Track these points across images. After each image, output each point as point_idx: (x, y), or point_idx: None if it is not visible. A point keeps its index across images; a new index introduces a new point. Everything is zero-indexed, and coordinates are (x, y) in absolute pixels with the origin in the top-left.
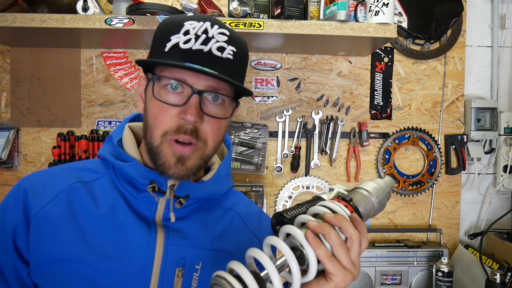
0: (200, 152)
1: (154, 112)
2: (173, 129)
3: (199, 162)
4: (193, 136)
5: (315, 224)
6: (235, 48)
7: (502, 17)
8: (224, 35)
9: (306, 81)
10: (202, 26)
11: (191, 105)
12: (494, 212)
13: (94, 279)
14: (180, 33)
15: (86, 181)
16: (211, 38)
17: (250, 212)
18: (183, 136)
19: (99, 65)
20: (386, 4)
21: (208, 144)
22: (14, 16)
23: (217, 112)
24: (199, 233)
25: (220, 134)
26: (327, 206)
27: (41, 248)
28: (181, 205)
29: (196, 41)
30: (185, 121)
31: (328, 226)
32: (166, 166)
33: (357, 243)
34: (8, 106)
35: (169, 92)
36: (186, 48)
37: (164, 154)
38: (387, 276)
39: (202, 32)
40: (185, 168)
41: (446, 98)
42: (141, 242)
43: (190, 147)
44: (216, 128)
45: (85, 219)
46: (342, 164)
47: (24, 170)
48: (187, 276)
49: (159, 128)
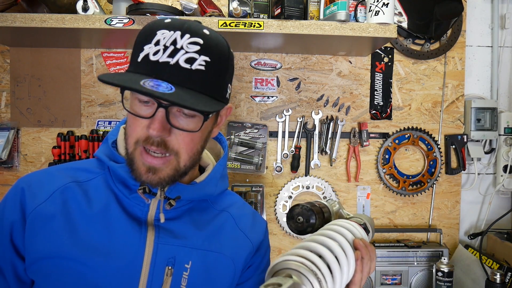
0: (172, 164)
1: (129, 120)
2: (142, 139)
3: (172, 172)
4: (162, 148)
5: (365, 251)
6: (208, 57)
7: (502, 17)
8: (196, 45)
9: (306, 81)
10: (171, 36)
11: (155, 119)
12: (494, 212)
13: (85, 276)
14: (152, 43)
15: (81, 181)
16: (180, 50)
17: (243, 214)
18: (151, 147)
19: (99, 65)
20: (386, 4)
21: (181, 156)
22: (14, 16)
23: (187, 124)
24: (190, 233)
25: (194, 145)
26: (353, 231)
27: (36, 245)
28: (171, 207)
29: (164, 53)
30: (150, 134)
31: (369, 257)
32: (138, 173)
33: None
34: (8, 106)
35: (141, 105)
36: (154, 60)
37: (136, 162)
38: (387, 276)
39: (171, 43)
40: (157, 177)
41: (446, 98)
42: (131, 240)
43: (160, 159)
44: (189, 140)
45: (78, 218)
46: (342, 164)
47: (24, 170)
48: (177, 275)
49: (131, 136)
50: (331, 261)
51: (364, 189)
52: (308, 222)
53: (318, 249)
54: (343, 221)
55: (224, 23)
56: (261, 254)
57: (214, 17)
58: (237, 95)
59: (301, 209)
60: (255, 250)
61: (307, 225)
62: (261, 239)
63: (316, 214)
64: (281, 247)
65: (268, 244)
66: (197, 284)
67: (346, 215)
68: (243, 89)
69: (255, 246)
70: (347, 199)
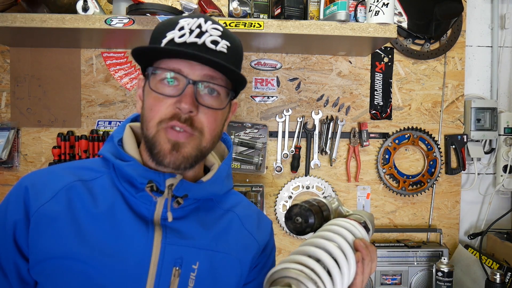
0: (196, 142)
1: (151, 104)
2: (168, 117)
3: (195, 152)
4: (187, 125)
5: (366, 252)
6: (229, 43)
7: (502, 17)
8: (218, 30)
9: (306, 81)
10: (196, 21)
11: (186, 94)
12: (494, 212)
13: (91, 277)
14: (176, 29)
15: (86, 180)
16: (205, 32)
17: (249, 214)
18: (178, 123)
19: (99, 65)
20: (386, 4)
21: (204, 135)
22: (14, 16)
23: (212, 103)
24: (197, 233)
25: (216, 126)
26: (353, 232)
27: (40, 246)
28: (179, 205)
29: (191, 35)
30: (180, 109)
31: (370, 258)
32: (162, 154)
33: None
34: (8, 106)
35: (165, 86)
36: (181, 41)
37: (160, 142)
38: (387, 276)
39: (196, 26)
40: (181, 156)
41: (446, 98)
42: (138, 240)
43: (185, 134)
44: (213, 119)
45: (84, 217)
46: (342, 164)
47: (24, 170)
48: (184, 276)
49: (154, 118)
50: (331, 266)
51: (364, 189)
52: (307, 222)
53: (317, 253)
54: (342, 220)
55: (224, 23)
56: (267, 254)
57: (214, 17)
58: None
59: (299, 209)
60: (261, 250)
61: (305, 226)
62: (267, 239)
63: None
64: (281, 247)
65: (274, 243)
66: (204, 285)
67: (345, 212)
68: (243, 89)
69: (261, 246)
70: (347, 199)
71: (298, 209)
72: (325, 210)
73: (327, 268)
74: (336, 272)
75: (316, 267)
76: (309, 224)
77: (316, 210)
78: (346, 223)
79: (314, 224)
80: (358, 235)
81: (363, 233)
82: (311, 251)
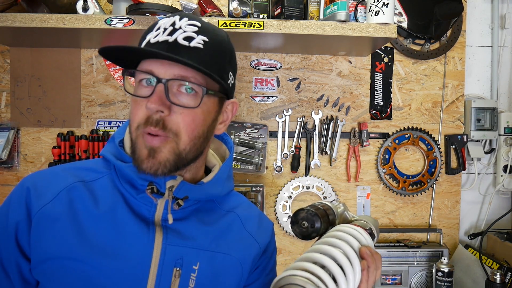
0: (171, 145)
1: (132, 107)
2: (143, 121)
3: (172, 156)
4: (159, 128)
5: (371, 260)
6: (206, 38)
7: (502, 17)
8: (194, 26)
9: (306, 81)
10: (171, 20)
11: (154, 93)
12: (494, 212)
13: (92, 277)
14: (153, 30)
15: (87, 181)
16: (178, 29)
17: (250, 215)
18: (150, 128)
19: (99, 65)
20: (386, 4)
21: (180, 137)
22: (14, 16)
23: (188, 102)
24: (198, 234)
25: (196, 126)
26: (359, 239)
27: (42, 246)
28: (179, 207)
29: (163, 34)
30: (148, 110)
31: (375, 266)
32: (140, 160)
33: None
34: (8, 106)
35: (142, 87)
36: (154, 41)
37: (138, 148)
38: (387, 276)
39: (170, 25)
40: (157, 162)
41: (446, 98)
42: (139, 241)
43: (159, 138)
44: (190, 119)
45: (85, 218)
46: (342, 164)
47: (24, 170)
48: (185, 277)
49: (133, 121)
50: (338, 274)
51: (364, 189)
52: (313, 227)
53: (323, 261)
54: (349, 226)
55: (224, 23)
56: (268, 256)
57: (214, 17)
58: (237, 95)
59: (305, 213)
60: (262, 251)
61: (312, 230)
62: (268, 240)
63: (321, 218)
64: (281, 247)
65: (275, 245)
66: (204, 285)
67: (351, 218)
68: (243, 89)
69: (262, 248)
70: (347, 199)
71: (304, 213)
72: (330, 215)
73: (333, 275)
74: (342, 281)
75: (323, 275)
76: (315, 229)
77: (322, 214)
78: (352, 229)
79: (320, 229)
80: (364, 242)
81: (368, 240)
82: (317, 258)
